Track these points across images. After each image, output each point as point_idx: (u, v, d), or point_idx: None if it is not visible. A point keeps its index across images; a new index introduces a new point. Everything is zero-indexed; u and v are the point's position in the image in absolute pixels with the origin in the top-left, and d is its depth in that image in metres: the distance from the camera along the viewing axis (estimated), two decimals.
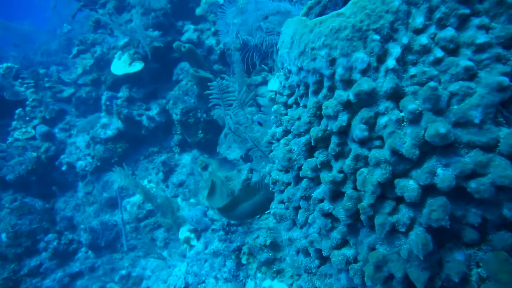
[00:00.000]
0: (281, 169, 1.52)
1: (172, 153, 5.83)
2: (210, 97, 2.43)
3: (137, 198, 5.64)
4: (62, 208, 6.39)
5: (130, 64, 5.43)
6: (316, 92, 1.28)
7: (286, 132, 1.54)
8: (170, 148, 5.86)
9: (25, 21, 12.76)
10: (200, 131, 5.51)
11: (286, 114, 1.56)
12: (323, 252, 1.28)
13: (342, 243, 1.25)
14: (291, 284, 2.56)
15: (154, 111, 5.63)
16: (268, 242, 2.66)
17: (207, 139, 5.57)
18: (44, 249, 5.68)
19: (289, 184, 1.51)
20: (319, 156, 1.27)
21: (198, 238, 3.85)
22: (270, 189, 1.74)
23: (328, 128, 1.23)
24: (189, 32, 5.50)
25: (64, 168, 5.89)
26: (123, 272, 5.41)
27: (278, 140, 1.61)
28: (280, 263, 2.65)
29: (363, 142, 1.14)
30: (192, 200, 5.47)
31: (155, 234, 5.55)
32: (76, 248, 5.76)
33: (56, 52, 12.87)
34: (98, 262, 5.62)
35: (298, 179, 1.44)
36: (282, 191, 1.55)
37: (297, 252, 1.50)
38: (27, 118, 6.68)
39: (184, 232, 4.00)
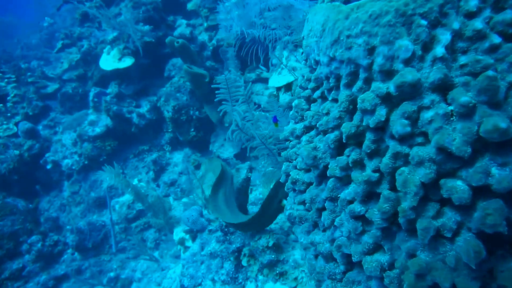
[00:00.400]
0: (304, 167, 1.43)
1: (163, 151, 5.67)
2: (216, 92, 2.31)
3: (127, 197, 5.45)
4: (46, 208, 6.14)
5: (119, 59, 5.23)
6: (349, 85, 1.19)
7: (308, 129, 1.44)
8: (161, 146, 5.70)
9: (7, 12, 12.25)
10: (192, 129, 5.37)
11: (308, 109, 1.47)
12: (353, 258, 1.20)
13: (375, 248, 1.16)
14: (295, 287, 2.48)
15: (144, 108, 5.46)
16: (271, 244, 2.56)
17: (199, 137, 5.43)
18: (28, 251, 5.43)
19: (310, 184, 1.41)
20: (351, 154, 1.18)
21: (193, 239, 3.72)
22: (285, 189, 1.65)
23: (363, 124, 1.14)
24: (182, 27, 5.35)
25: (49, 167, 5.64)
26: (112, 274, 5.22)
27: (298, 137, 1.51)
28: (283, 265, 2.56)
29: (404, 139, 1.05)
30: (184, 200, 5.32)
31: (145, 234, 5.39)
32: (61, 249, 5.53)
33: (37, 46, 12.43)
34: (85, 264, 5.41)
35: (321, 179, 1.35)
36: (302, 191, 1.45)
37: (316, 256, 1.41)
38: (9, 114, 6.37)
39: (178, 233, 3.87)
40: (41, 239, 5.48)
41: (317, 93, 1.39)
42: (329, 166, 1.26)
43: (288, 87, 3.49)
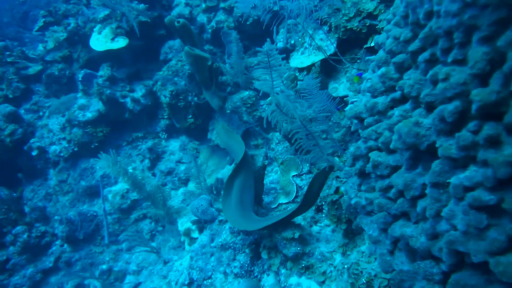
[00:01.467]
0: (400, 147, 1.21)
1: (159, 139, 5.42)
2: (255, 66, 2.11)
3: (120, 187, 5.20)
4: (29, 198, 5.79)
5: (112, 39, 4.90)
6: (490, 38, 0.99)
7: (396, 102, 1.27)
8: (156, 133, 5.44)
9: None
10: (190, 116, 5.15)
11: (399, 79, 1.29)
12: (473, 257, 1.06)
13: (509, 248, 1.03)
14: (323, 282, 2.38)
15: (139, 92, 5.17)
16: (297, 235, 2.44)
17: (197, 124, 5.22)
18: (12, 242, 5.11)
19: (396, 168, 1.27)
20: (484, 129, 1.00)
21: (200, 230, 3.56)
22: (353, 174, 1.48)
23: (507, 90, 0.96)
24: (180, 6, 5.06)
25: (34, 153, 5.28)
26: (104, 266, 5.01)
27: (379, 112, 1.34)
28: (309, 258, 2.45)
29: None
30: (182, 189, 5.13)
31: (140, 225, 5.18)
32: (49, 241, 5.24)
33: (7, 25, 11.63)
34: (75, 256, 5.15)
35: (414, 162, 1.20)
36: (385, 176, 1.30)
37: (391, 252, 1.29)
38: None
39: (184, 224, 3.69)
40: (27, 229, 5.17)
41: (424, 56, 1.21)
42: (440, 145, 1.11)
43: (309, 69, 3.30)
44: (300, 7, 2.61)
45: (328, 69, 3.28)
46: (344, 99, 2.76)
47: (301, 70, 3.44)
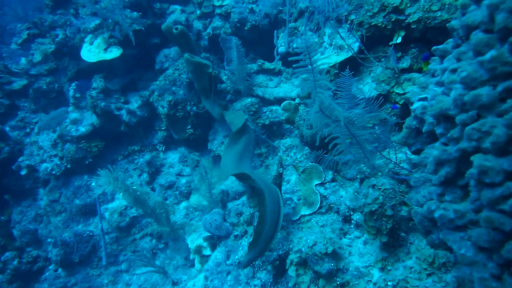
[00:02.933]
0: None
1: (156, 151, 5.17)
2: (294, 65, 1.93)
3: (117, 203, 4.92)
4: (17, 220, 5.42)
5: (105, 49, 4.67)
6: None
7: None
8: (153, 146, 5.20)
9: None
10: (189, 126, 4.94)
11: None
12: None
13: None
14: None
15: (134, 104, 4.93)
16: (330, 250, 2.27)
17: (196, 135, 5.02)
18: (1, 270, 4.75)
19: (509, 173, 1.08)
20: None
21: (212, 247, 3.34)
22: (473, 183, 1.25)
23: None
24: (176, 13, 4.88)
25: (23, 172, 4.95)
26: None
27: (483, 107, 1.11)
28: (343, 275, 2.27)
29: None
30: (184, 204, 4.88)
31: (139, 244, 4.90)
32: (42, 266, 4.89)
33: None
34: (71, 281, 4.82)
35: None
36: (497, 184, 1.12)
37: (498, 277, 1.10)
38: None
39: (195, 240, 3.46)
40: (17, 255, 4.82)
41: None
42: None
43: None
44: (324, 3, 2.46)
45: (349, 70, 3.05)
46: (403, 96, 2.52)
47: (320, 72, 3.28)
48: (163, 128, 5.07)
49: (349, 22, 2.78)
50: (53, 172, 4.84)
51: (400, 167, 2.18)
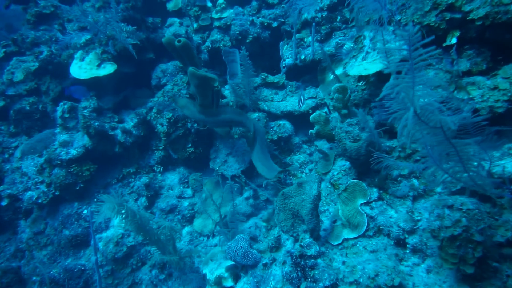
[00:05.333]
0: None
1: (154, 173, 4.80)
2: (399, 64, 1.57)
3: (113, 232, 4.48)
4: None
5: (98, 66, 4.34)
6: None
7: None
8: (150, 167, 4.83)
9: None
10: (189, 145, 4.64)
11: None
12: None
13: None
14: None
15: (130, 123, 4.57)
16: (397, 282, 2.00)
17: (197, 153, 4.72)
18: None
19: None
20: None
21: (235, 277, 2.99)
22: None
23: None
24: (175, 26, 4.65)
25: (4, 203, 4.43)
26: None
27: None
28: None
29: None
30: (187, 229, 4.50)
31: (137, 275, 4.46)
32: None
33: None
34: None
35: None
36: None
37: None
38: None
39: (214, 270, 3.10)
40: None
41: None
42: None
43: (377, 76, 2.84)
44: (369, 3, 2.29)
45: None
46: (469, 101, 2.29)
47: (360, 78, 3.08)
48: (160, 148, 4.73)
49: (393, 24, 2.63)
50: (39, 201, 4.35)
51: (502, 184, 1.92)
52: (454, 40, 2.30)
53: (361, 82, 3.02)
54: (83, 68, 4.32)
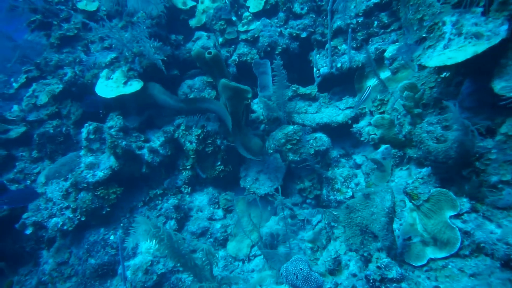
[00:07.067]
0: None
1: (181, 194, 4.54)
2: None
3: (141, 259, 4.17)
4: None
5: (125, 83, 4.19)
6: None
7: None
8: (177, 188, 4.57)
9: None
10: (219, 163, 4.40)
11: None
12: None
13: None
14: None
15: (157, 141, 4.37)
16: None
17: (226, 171, 4.46)
18: None
19: None
20: None
21: None
22: None
23: None
24: (203, 39, 4.51)
25: (29, 231, 4.19)
26: None
27: None
28: None
29: None
30: (221, 253, 4.18)
31: None
32: None
33: None
34: None
35: None
36: None
37: None
38: None
39: None
40: None
41: None
42: None
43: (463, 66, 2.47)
44: None
45: (483, 64, 2.40)
46: None
47: (441, 70, 2.75)
48: (188, 167, 4.49)
49: (482, 4, 2.35)
50: (64, 228, 4.09)
51: None
52: None
53: (444, 74, 2.68)
54: (109, 86, 4.17)
